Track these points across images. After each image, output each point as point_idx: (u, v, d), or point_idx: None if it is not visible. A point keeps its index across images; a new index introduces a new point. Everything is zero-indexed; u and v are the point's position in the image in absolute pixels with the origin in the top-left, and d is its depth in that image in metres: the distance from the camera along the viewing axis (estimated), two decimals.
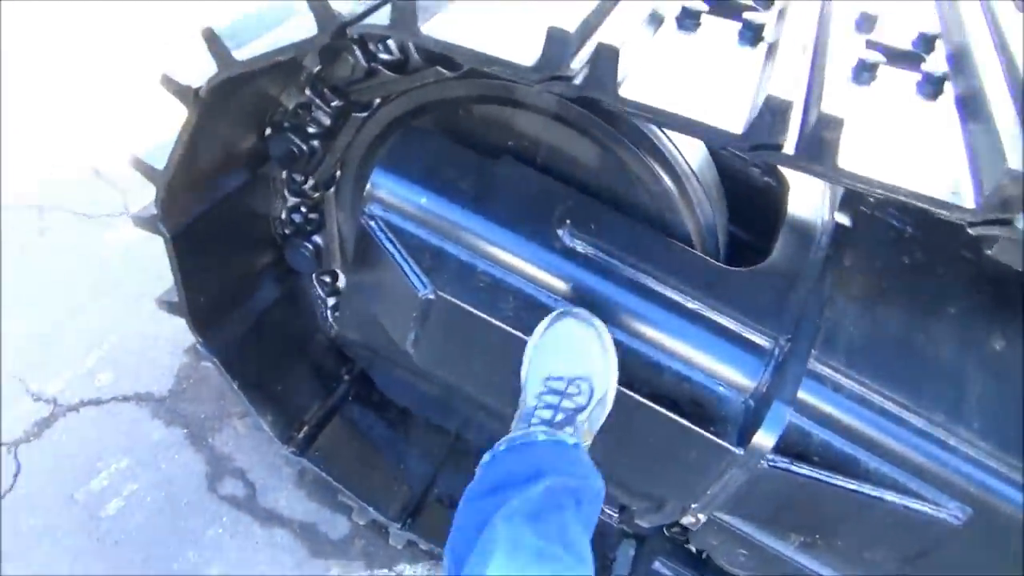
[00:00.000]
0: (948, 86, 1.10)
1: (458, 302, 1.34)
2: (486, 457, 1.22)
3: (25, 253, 2.10)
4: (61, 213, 2.25)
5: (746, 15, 1.17)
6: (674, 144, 1.40)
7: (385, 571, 1.74)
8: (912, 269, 1.37)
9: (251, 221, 1.71)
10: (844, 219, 1.45)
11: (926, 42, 1.22)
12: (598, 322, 1.29)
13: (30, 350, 1.88)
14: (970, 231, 0.90)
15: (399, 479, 1.82)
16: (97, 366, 1.89)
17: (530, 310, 1.35)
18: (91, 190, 2.36)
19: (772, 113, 0.89)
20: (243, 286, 1.74)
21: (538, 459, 1.16)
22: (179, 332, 2.00)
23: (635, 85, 0.97)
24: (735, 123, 0.94)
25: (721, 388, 1.34)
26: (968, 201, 0.89)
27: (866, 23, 1.26)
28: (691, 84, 1.01)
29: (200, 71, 1.23)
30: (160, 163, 1.35)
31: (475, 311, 1.34)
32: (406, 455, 1.87)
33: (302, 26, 1.17)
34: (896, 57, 1.18)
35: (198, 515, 1.69)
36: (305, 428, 1.78)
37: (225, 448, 1.82)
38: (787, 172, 1.55)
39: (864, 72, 1.09)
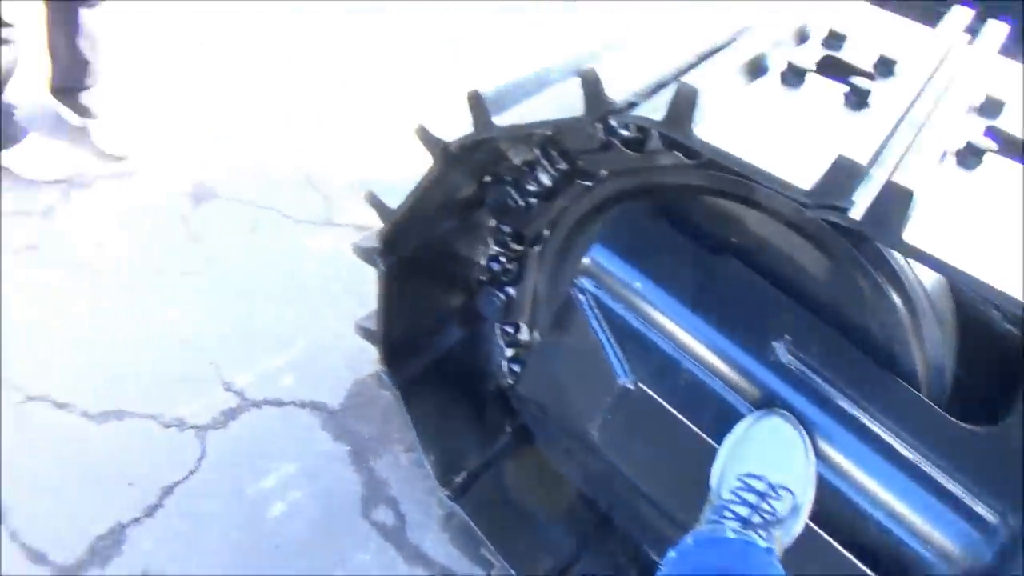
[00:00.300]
0: None
1: (657, 397, 1.29)
2: (672, 554, 1.16)
3: (238, 246, 2.26)
4: (272, 213, 2.40)
5: None
6: (914, 272, 1.29)
7: None
8: None
9: (453, 263, 1.74)
10: None
11: None
12: (803, 430, 1.21)
13: (229, 340, 2.01)
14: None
15: (543, 548, 1.78)
16: (282, 367, 2.00)
17: (729, 420, 1.28)
18: (300, 194, 2.51)
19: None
20: (433, 324, 1.78)
21: (729, 559, 1.09)
22: (357, 349, 2.09)
23: (921, 232, 0.89)
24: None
25: (928, 554, 1.21)
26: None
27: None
28: (976, 235, 0.92)
29: (454, 127, 1.27)
30: (394, 203, 1.40)
31: (673, 410, 1.29)
32: (553, 523, 1.83)
33: (565, 103, 1.18)
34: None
35: (350, 536, 1.73)
36: (463, 475, 1.79)
37: (383, 473, 1.86)
38: None
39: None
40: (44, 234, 2.14)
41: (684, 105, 0.96)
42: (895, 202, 0.87)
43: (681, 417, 1.29)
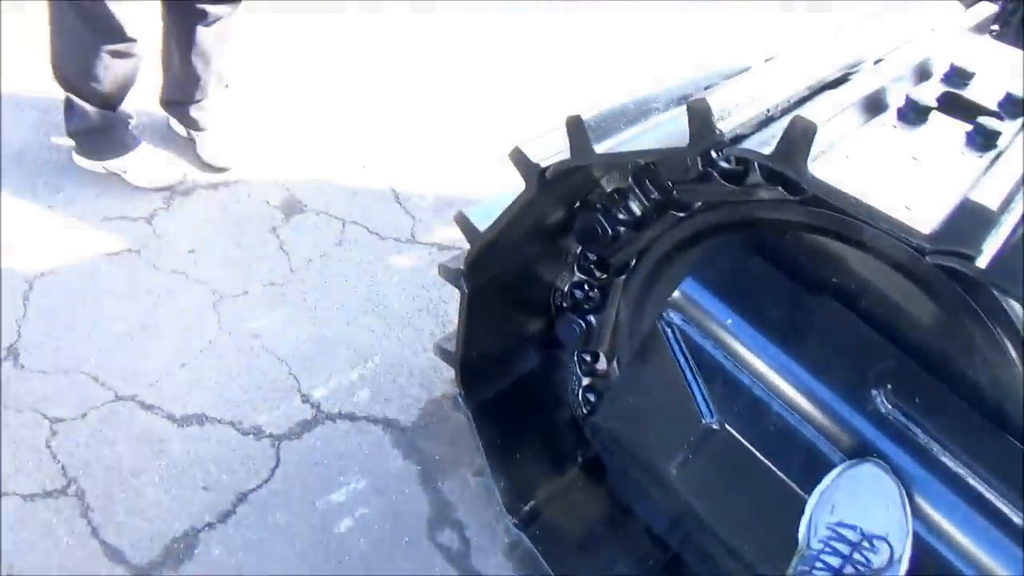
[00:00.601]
0: None
1: (743, 440, 1.24)
2: None
3: (323, 259, 2.30)
4: (358, 228, 2.44)
5: None
6: None
7: None
8: None
9: (535, 287, 1.73)
10: None
11: None
12: (898, 480, 1.14)
13: (309, 352, 2.04)
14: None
15: None
16: (358, 382, 2.01)
17: (819, 469, 1.22)
18: (386, 211, 2.55)
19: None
20: (510, 348, 1.76)
21: None
22: (431, 368, 2.10)
23: None
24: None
25: None
26: None
27: None
28: None
29: (550, 152, 1.25)
30: (482, 225, 1.40)
31: (759, 455, 1.23)
32: (620, 560, 1.78)
33: (664, 131, 1.15)
34: None
35: (414, 557, 1.72)
36: (532, 503, 1.76)
37: (451, 496, 1.84)
38: None
39: None
40: (144, 239, 2.22)
41: (799, 140, 0.93)
42: None
43: (768, 463, 1.23)
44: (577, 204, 1.59)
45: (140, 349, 1.95)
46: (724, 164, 1.39)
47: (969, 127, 1.09)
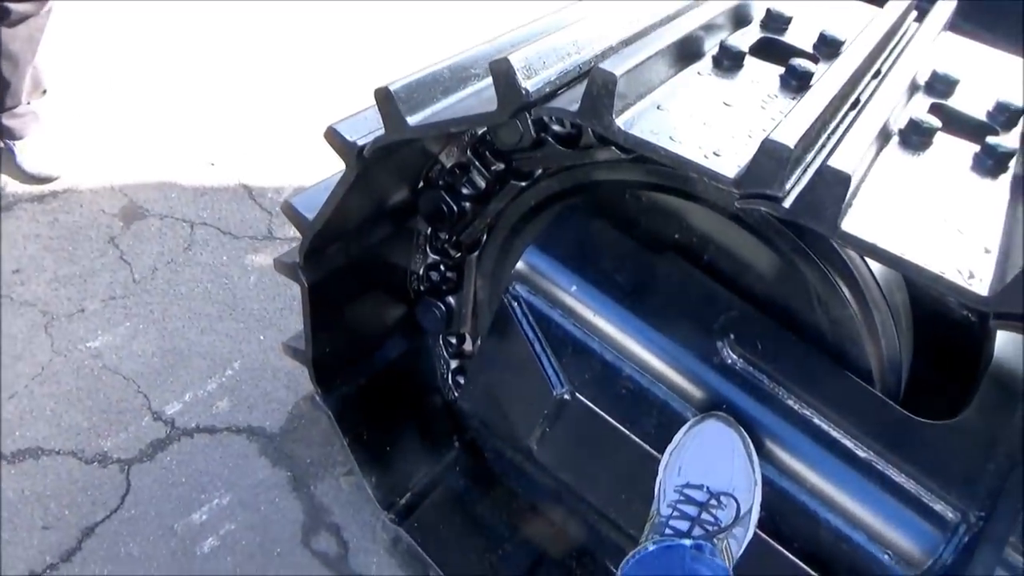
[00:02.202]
0: None
1: (596, 408, 1.21)
2: (618, 574, 1.08)
3: (170, 267, 2.15)
4: (209, 230, 2.29)
5: (989, 139, 1.00)
6: (867, 264, 1.23)
7: None
8: None
9: (388, 274, 1.65)
10: None
11: None
12: (742, 431, 1.14)
13: (158, 366, 1.90)
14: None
15: (495, 565, 1.69)
16: (217, 392, 1.89)
17: (672, 428, 1.21)
18: (240, 209, 2.41)
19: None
20: (369, 339, 1.69)
21: (666, 567, 1.01)
22: (297, 368, 1.98)
23: (859, 218, 0.82)
24: (981, 282, 0.77)
25: (887, 557, 1.14)
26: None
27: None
28: (923, 221, 0.86)
29: (365, 129, 1.18)
30: (311, 213, 1.31)
31: (613, 421, 1.21)
32: (507, 540, 1.75)
33: (480, 97, 1.10)
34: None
35: (289, 568, 1.63)
36: (408, 495, 1.69)
37: (325, 499, 1.76)
38: None
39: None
40: None
41: (601, 93, 0.89)
42: (830, 188, 0.80)
43: (622, 428, 1.21)
44: (420, 184, 1.53)
45: None
46: (557, 128, 1.36)
47: (783, 70, 1.09)
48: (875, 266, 1.23)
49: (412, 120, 1.07)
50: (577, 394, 1.22)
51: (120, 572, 1.52)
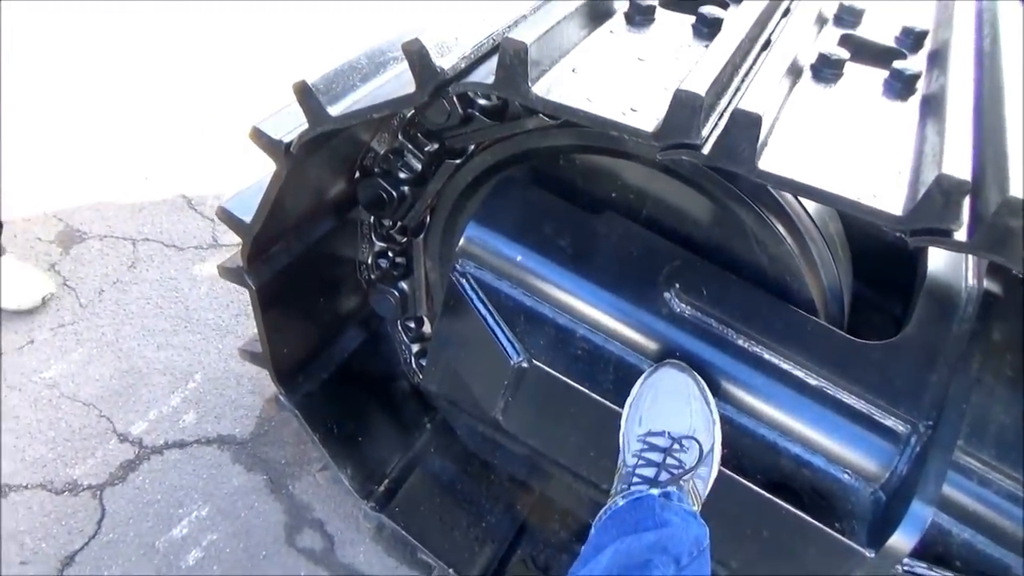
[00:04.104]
0: None
1: (553, 372, 1.24)
2: (592, 530, 1.11)
3: (117, 285, 2.11)
4: (152, 245, 2.26)
5: (896, 63, 1.03)
6: (797, 200, 1.27)
7: None
8: None
9: (337, 266, 1.65)
10: (994, 286, 1.29)
11: None
12: (695, 374, 1.17)
13: (118, 387, 1.88)
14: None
15: (481, 538, 1.73)
16: (181, 406, 1.87)
17: (630, 382, 1.24)
18: (182, 220, 2.37)
19: (944, 195, 0.76)
20: (326, 333, 1.69)
21: (637, 519, 1.04)
22: (263, 372, 1.97)
23: (774, 155, 0.85)
24: (894, 202, 0.80)
25: (847, 476, 1.19)
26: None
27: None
28: (837, 150, 0.89)
29: (291, 125, 1.17)
30: (248, 215, 1.30)
31: (572, 382, 1.23)
32: (488, 512, 1.78)
33: (400, 80, 1.09)
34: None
35: (276, 568, 1.64)
36: (385, 482, 1.71)
37: (304, 496, 1.77)
38: None
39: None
40: None
41: (514, 63, 0.90)
42: (744, 130, 0.83)
43: (585, 390, 1.23)
44: (356, 174, 1.52)
45: None
46: (484, 102, 1.36)
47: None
48: (808, 202, 1.27)
49: (334, 111, 1.07)
50: (534, 360, 1.24)
51: None
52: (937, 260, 1.33)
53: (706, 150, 0.86)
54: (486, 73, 0.97)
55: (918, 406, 1.16)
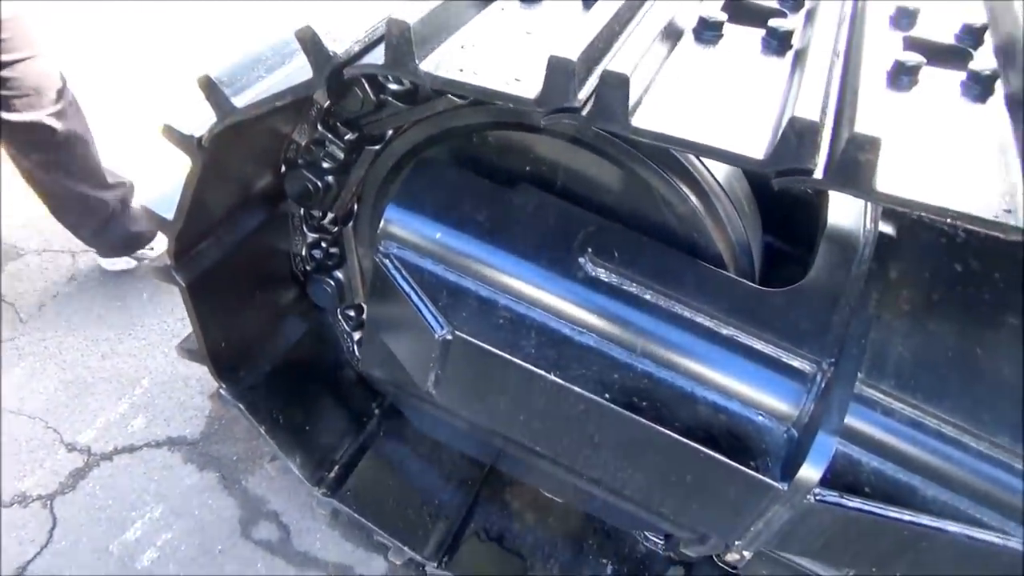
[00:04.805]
0: (999, 84, 1.02)
1: (477, 342, 1.28)
2: None
3: (58, 298, 2.11)
4: (90, 255, 2.26)
5: (771, 22, 1.09)
6: (700, 160, 1.33)
7: None
8: (966, 277, 1.27)
9: (271, 259, 1.68)
10: (888, 228, 1.36)
11: (972, 35, 1.13)
12: None
13: (63, 399, 1.88)
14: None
15: (434, 515, 1.77)
16: (129, 412, 1.89)
17: (553, 345, 1.29)
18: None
19: (798, 136, 0.82)
20: (266, 326, 1.71)
21: None
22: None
23: (649, 112, 0.90)
24: (758, 147, 0.86)
25: (760, 418, 1.26)
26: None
27: (905, 19, 1.18)
28: (711, 104, 0.94)
29: (201, 119, 1.20)
30: (170, 212, 1.32)
31: (495, 350, 1.28)
32: (441, 490, 1.82)
33: (301, 68, 1.13)
34: (939, 55, 1.09)
35: (233, 562, 1.67)
36: (336, 468, 1.75)
37: (258, 490, 1.80)
38: None
39: (902, 76, 1.01)
40: None
41: (400, 43, 0.94)
42: (614, 90, 0.88)
43: (509, 356, 1.28)
44: (283, 168, 1.55)
45: None
46: (395, 87, 1.40)
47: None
48: (711, 163, 1.33)
49: (239, 102, 1.10)
50: (457, 332, 1.28)
51: None
52: (837, 209, 1.40)
53: (584, 112, 0.91)
54: (378, 55, 1.01)
55: (821, 345, 1.23)
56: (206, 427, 1.90)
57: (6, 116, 1.79)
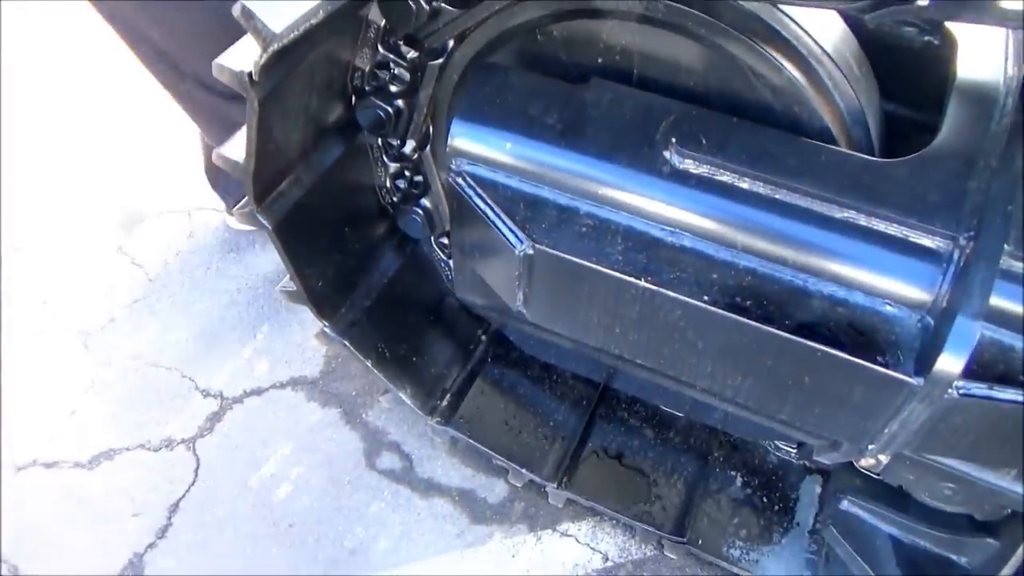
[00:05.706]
0: None
1: (559, 253, 1.20)
2: None
3: (180, 256, 2.22)
4: (205, 212, 2.35)
5: None
6: (794, 21, 1.15)
7: (548, 531, 1.69)
8: None
9: (357, 194, 1.66)
10: None
11: None
12: None
13: (195, 350, 2.00)
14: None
15: (550, 437, 1.74)
16: (254, 357, 1.97)
17: (642, 249, 1.19)
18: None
19: None
20: (362, 261, 1.71)
21: None
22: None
23: None
24: None
25: (888, 308, 1.11)
26: None
27: None
28: None
29: (251, 54, 1.16)
30: (239, 155, 1.32)
31: (580, 260, 1.20)
32: (555, 411, 1.79)
33: None
34: None
35: (361, 492, 1.72)
36: (447, 396, 1.75)
37: (378, 423, 1.84)
38: (953, 24, 1.24)
39: None
40: None
41: None
42: None
43: (591, 264, 1.20)
44: (351, 98, 1.51)
45: (22, 414, 1.90)
46: None
47: None
48: (808, 23, 1.15)
49: (276, 27, 1.06)
50: (537, 245, 1.21)
51: (210, 535, 1.65)
52: (969, 57, 1.18)
53: None
54: None
55: (957, 218, 1.06)
56: (324, 366, 1.95)
57: None
